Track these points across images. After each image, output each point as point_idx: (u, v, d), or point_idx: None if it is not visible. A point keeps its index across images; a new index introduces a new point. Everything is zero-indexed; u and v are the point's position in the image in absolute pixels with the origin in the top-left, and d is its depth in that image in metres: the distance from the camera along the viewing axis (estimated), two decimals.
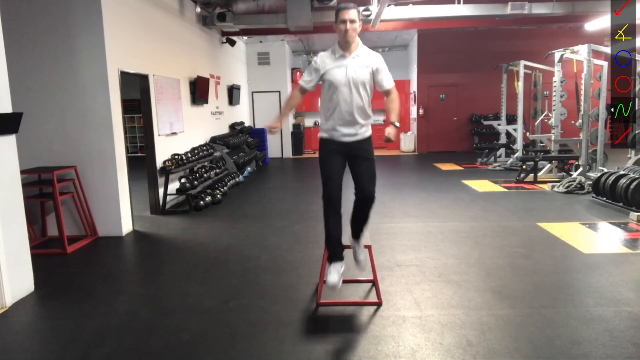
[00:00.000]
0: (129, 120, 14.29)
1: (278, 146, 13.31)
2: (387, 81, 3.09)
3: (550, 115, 8.49)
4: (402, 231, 5.20)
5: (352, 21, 2.93)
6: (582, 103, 7.42)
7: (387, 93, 3.13)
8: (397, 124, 3.00)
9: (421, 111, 13.23)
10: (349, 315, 3.19)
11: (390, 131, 2.94)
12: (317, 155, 3.06)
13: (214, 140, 8.89)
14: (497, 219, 5.65)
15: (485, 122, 12.61)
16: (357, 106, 3.00)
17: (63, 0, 4.94)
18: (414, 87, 13.63)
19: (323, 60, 3.07)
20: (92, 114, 5.13)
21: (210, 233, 5.49)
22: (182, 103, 7.42)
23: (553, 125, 7.96)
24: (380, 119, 14.69)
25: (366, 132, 3.09)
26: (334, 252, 3.05)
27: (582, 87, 7.39)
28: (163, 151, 6.61)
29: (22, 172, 4.17)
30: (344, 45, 3.01)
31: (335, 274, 2.97)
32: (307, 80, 3.11)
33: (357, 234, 3.20)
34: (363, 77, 3.00)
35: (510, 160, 9.91)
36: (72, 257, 4.69)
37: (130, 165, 5.60)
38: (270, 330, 3.00)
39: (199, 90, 7.98)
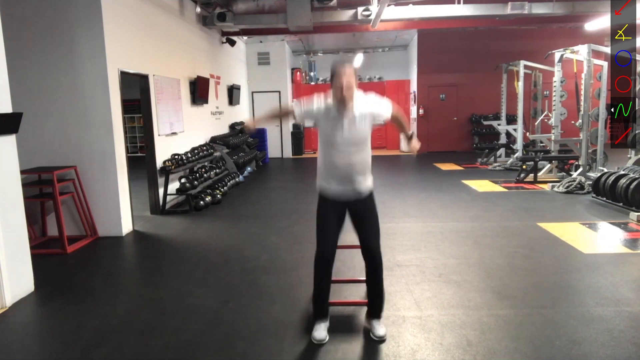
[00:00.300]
0: (129, 120, 14.29)
1: (278, 146, 13.31)
2: (386, 110, 2.91)
3: (550, 115, 8.49)
4: (402, 231, 5.20)
5: (349, 84, 2.73)
6: (582, 103, 7.42)
7: (392, 119, 2.96)
8: (411, 133, 2.97)
9: (421, 111, 13.22)
10: (349, 315, 3.19)
11: (414, 145, 2.91)
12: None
13: (214, 140, 8.89)
14: (497, 219, 5.65)
15: (485, 122, 12.61)
16: (356, 165, 2.82)
17: (63, 1, 4.94)
18: (414, 87, 13.62)
19: (319, 108, 2.85)
20: (92, 114, 5.13)
21: (210, 233, 5.49)
22: (182, 103, 7.42)
23: (553, 125, 7.96)
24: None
25: (367, 189, 2.91)
26: (321, 312, 2.91)
27: (582, 87, 7.39)
28: (163, 151, 6.61)
29: (22, 172, 4.17)
30: (340, 104, 2.79)
31: (322, 330, 2.86)
32: (300, 114, 2.89)
33: (375, 312, 2.94)
34: (363, 133, 2.83)
35: (510, 160, 9.91)
36: (72, 257, 4.69)
37: (130, 165, 5.60)
38: (270, 330, 3.00)
39: (199, 90, 7.98)
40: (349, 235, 3.04)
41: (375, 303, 2.94)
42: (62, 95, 5.10)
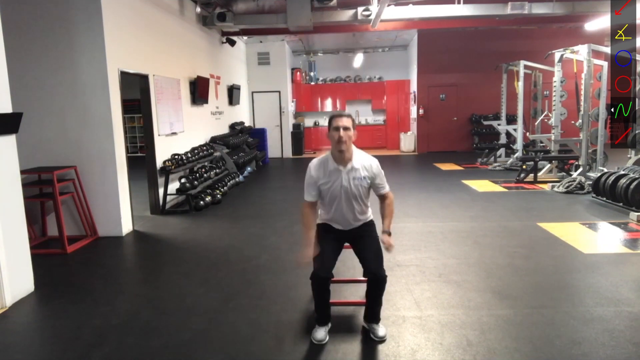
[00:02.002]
0: (129, 120, 14.29)
1: (278, 146, 13.31)
2: (383, 187, 2.94)
3: (550, 115, 8.49)
4: (402, 231, 5.20)
5: (346, 129, 2.74)
6: (582, 103, 7.42)
7: (382, 198, 2.96)
8: (389, 232, 2.84)
9: (421, 111, 13.22)
10: (349, 315, 3.19)
11: (386, 240, 2.80)
12: (316, 155, 2.99)
13: (214, 140, 8.89)
14: (497, 219, 5.65)
15: (485, 122, 12.61)
16: (354, 212, 2.91)
17: (63, 1, 4.94)
18: (414, 87, 13.63)
19: (317, 173, 2.89)
20: (92, 114, 5.13)
21: (210, 233, 5.49)
22: (182, 103, 7.42)
23: (553, 125, 7.96)
24: (380, 119, 14.72)
25: (365, 220, 2.98)
26: (323, 317, 2.92)
27: (582, 87, 7.39)
28: (163, 151, 6.61)
29: (22, 172, 4.17)
30: (338, 157, 2.82)
31: (322, 331, 2.88)
32: (312, 194, 2.93)
33: (371, 317, 2.96)
34: (360, 188, 2.87)
35: (510, 160, 9.91)
36: (72, 257, 4.69)
37: (130, 165, 5.60)
38: (270, 330, 3.00)
39: (199, 90, 7.98)
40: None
41: (374, 310, 2.94)
42: (62, 95, 5.10)
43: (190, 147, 7.64)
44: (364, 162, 2.89)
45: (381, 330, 2.89)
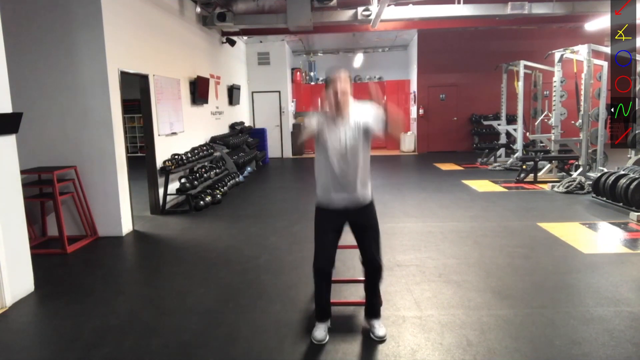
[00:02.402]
0: (129, 120, 14.29)
1: (278, 146, 13.31)
2: (379, 124, 2.76)
3: (550, 115, 8.49)
4: (402, 231, 5.20)
5: (344, 90, 2.71)
6: (582, 103, 7.42)
7: (386, 128, 2.78)
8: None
9: (421, 111, 13.22)
10: (349, 315, 3.19)
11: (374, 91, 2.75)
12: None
13: (214, 140, 8.89)
14: (497, 219, 5.65)
15: (485, 122, 12.60)
16: (354, 173, 2.77)
17: (63, 1, 4.94)
18: (414, 87, 13.62)
19: (319, 120, 2.81)
20: (92, 114, 5.13)
21: (210, 233, 5.49)
22: (182, 103, 7.42)
23: (553, 125, 7.96)
24: None
25: (366, 197, 2.85)
26: (322, 314, 2.90)
27: (582, 87, 7.39)
28: (163, 151, 6.61)
29: (22, 172, 4.17)
30: (336, 111, 2.77)
31: (322, 330, 2.86)
32: (313, 125, 2.81)
33: (371, 312, 2.95)
34: (360, 141, 2.77)
35: (510, 160, 9.91)
36: (72, 257, 4.69)
37: (130, 165, 5.60)
38: (270, 330, 3.00)
39: (199, 90, 7.98)
40: (349, 235, 3.03)
41: (373, 304, 2.94)
42: (62, 95, 5.10)
43: (190, 147, 7.64)
44: (360, 112, 2.80)
45: (381, 329, 2.88)
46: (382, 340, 2.83)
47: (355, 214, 2.84)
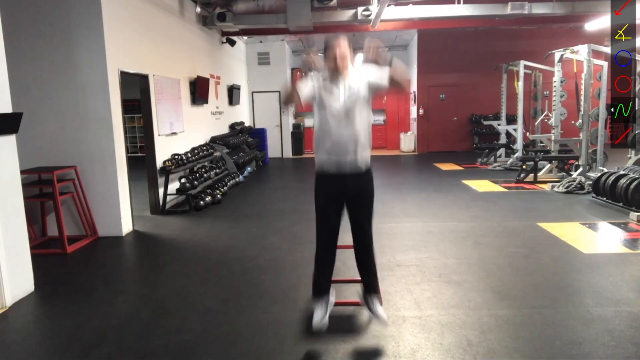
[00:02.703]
0: (129, 120, 14.29)
1: (278, 146, 13.31)
2: (383, 78, 2.75)
3: (550, 115, 8.49)
4: (402, 231, 5.20)
5: (343, 54, 2.73)
6: (582, 103, 7.42)
7: (392, 82, 2.76)
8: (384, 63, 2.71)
9: (421, 111, 13.22)
10: (349, 315, 3.19)
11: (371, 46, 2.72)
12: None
13: (214, 140, 8.89)
14: (497, 219, 5.65)
15: (485, 122, 12.61)
16: (352, 135, 2.71)
17: (63, 1, 4.94)
18: (414, 87, 13.62)
19: (315, 82, 2.80)
20: (92, 114, 5.13)
21: (210, 233, 5.49)
22: (182, 103, 7.42)
23: (553, 125, 7.96)
24: (380, 118, 14.71)
25: (364, 162, 2.78)
26: (320, 288, 2.79)
27: (582, 87, 7.39)
28: (163, 151, 6.61)
29: (22, 172, 4.17)
30: (335, 74, 2.77)
31: (320, 311, 2.71)
32: (303, 91, 2.79)
33: (368, 287, 2.90)
34: (359, 101, 2.73)
35: (510, 160, 9.91)
36: (72, 257, 4.69)
37: (130, 165, 5.60)
38: (270, 330, 3.00)
39: (199, 90, 7.98)
40: (348, 235, 3.03)
41: (370, 279, 2.91)
42: (62, 96, 5.10)
43: (190, 147, 7.64)
44: (360, 72, 2.79)
45: (380, 309, 2.85)
46: (380, 319, 2.82)
47: (353, 181, 2.76)
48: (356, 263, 2.96)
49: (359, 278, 3.68)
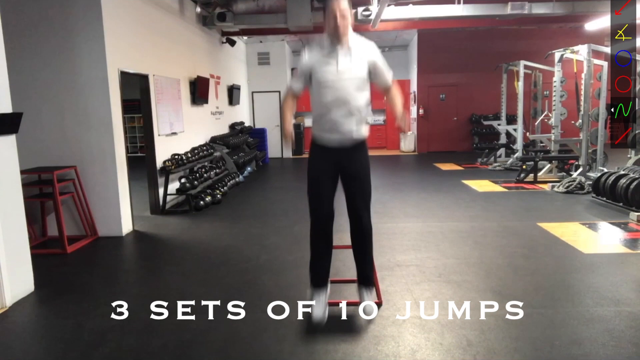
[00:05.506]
0: (129, 120, 14.28)
1: (278, 146, 13.31)
2: (386, 76, 2.75)
3: (550, 115, 8.49)
4: (402, 231, 5.20)
5: (343, 13, 2.63)
6: (582, 103, 7.42)
7: (387, 91, 2.78)
8: (401, 122, 2.68)
9: (421, 111, 13.23)
10: (349, 315, 3.19)
11: (400, 120, 2.68)
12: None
13: (214, 140, 8.89)
14: (497, 219, 5.65)
15: (485, 122, 12.61)
16: (351, 107, 2.66)
17: (63, 1, 4.94)
18: (414, 87, 13.63)
19: (310, 56, 2.74)
20: (92, 114, 5.13)
21: (210, 233, 5.49)
22: (182, 103, 7.42)
23: (553, 125, 7.96)
24: (380, 118, 14.71)
25: (360, 133, 2.72)
26: (318, 277, 2.73)
27: (582, 87, 7.39)
28: (163, 151, 6.61)
29: (22, 172, 4.17)
30: (334, 36, 2.67)
31: (319, 306, 2.66)
32: (298, 83, 2.81)
33: (363, 279, 2.86)
34: (358, 72, 2.67)
35: (510, 160, 9.91)
36: (72, 257, 4.68)
37: (130, 165, 5.60)
38: (270, 330, 3.00)
39: (199, 90, 7.98)
40: (347, 235, 3.03)
41: (364, 271, 2.83)
42: (62, 95, 5.09)
43: (190, 147, 7.64)
44: (362, 43, 2.73)
45: (369, 304, 2.76)
46: (369, 312, 2.75)
47: (347, 153, 2.72)
48: (354, 253, 2.89)
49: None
